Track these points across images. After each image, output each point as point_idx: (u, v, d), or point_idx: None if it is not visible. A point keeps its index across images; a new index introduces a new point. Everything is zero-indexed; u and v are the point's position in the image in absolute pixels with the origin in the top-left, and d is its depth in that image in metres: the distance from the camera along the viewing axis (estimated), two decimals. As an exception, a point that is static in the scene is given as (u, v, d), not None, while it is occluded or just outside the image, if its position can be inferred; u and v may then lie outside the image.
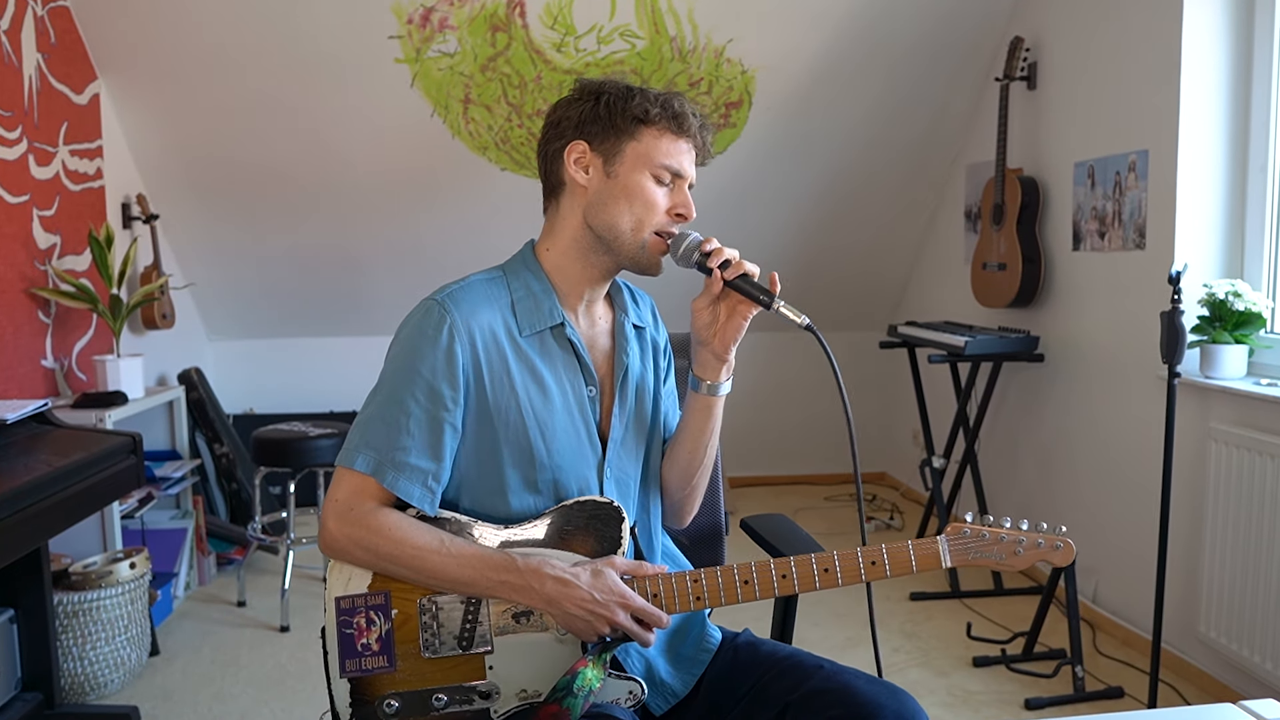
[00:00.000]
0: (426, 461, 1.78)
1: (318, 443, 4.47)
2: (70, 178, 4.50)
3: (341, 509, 1.77)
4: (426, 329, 1.80)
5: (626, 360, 1.95)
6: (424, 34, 4.73)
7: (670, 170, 1.86)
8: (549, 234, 1.94)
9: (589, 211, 1.87)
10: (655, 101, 1.86)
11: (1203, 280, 3.79)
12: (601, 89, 1.88)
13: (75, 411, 4.03)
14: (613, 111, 1.85)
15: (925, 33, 5.03)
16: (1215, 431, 3.62)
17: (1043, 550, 1.79)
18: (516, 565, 1.73)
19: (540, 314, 1.87)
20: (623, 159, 1.85)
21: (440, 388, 1.78)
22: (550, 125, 1.91)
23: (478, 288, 1.88)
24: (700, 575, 1.78)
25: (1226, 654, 3.58)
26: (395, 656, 1.74)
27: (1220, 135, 3.82)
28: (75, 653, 3.66)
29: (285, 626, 4.37)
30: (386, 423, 1.78)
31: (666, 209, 1.87)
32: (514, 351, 1.83)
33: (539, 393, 1.84)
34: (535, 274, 1.91)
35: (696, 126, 1.89)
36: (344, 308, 6.14)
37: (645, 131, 1.85)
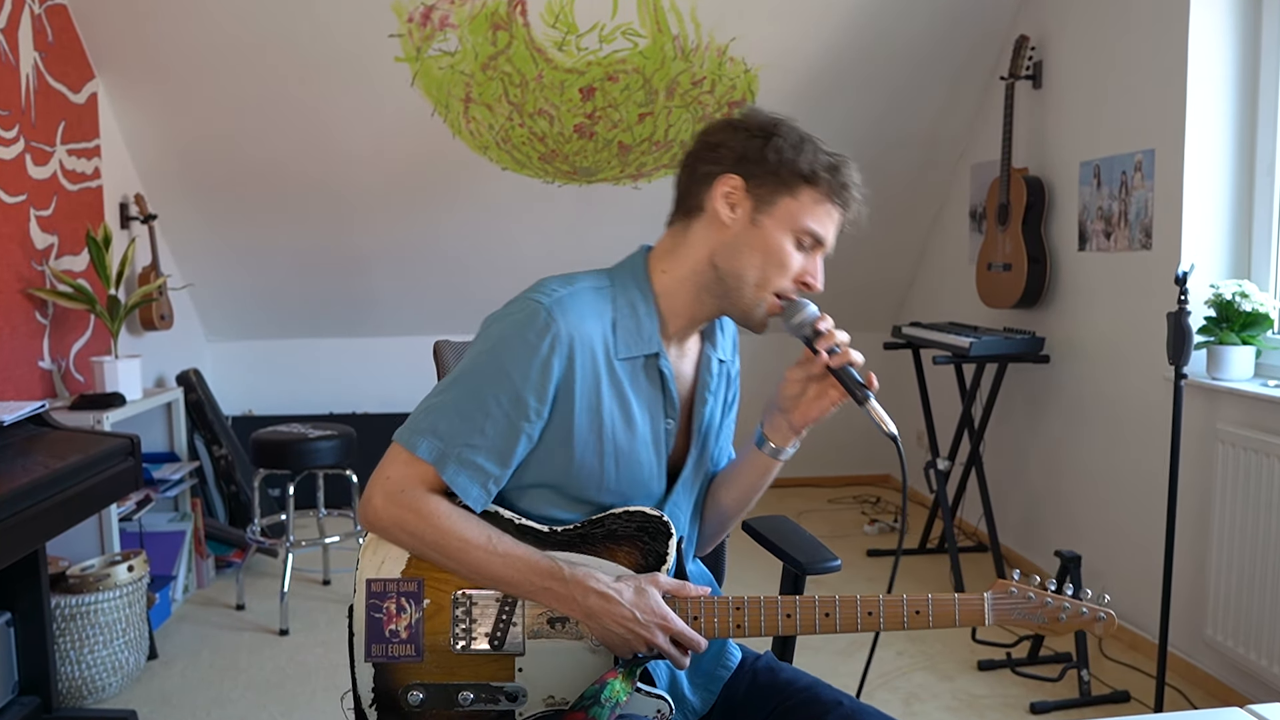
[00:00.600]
0: (493, 466, 1.74)
1: (317, 445, 4.47)
2: (68, 177, 4.51)
3: (392, 488, 1.74)
4: (528, 333, 1.72)
5: (709, 398, 1.92)
6: (424, 32, 4.74)
7: (814, 236, 1.79)
8: (668, 254, 1.85)
9: (720, 251, 1.79)
10: (826, 165, 1.78)
11: (1209, 281, 3.80)
12: (775, 129, 1.78)
13: (73, 413, 4.03)
14: (780, 160, 1.76)
15: (930, 31, 5.03)
16: (1222, 433, 3.62)
17: (1085, 619, 1.78)
18: (562, 574, 1.71)
19: (640, 340, 1.80)
20: (773, 211, 1.77)
21: (527, 397, 1.72)
22: (707, 145, 1.82)
23: (585, 297, 1.79)
24: (744, 603, 1.75)
25: (1233, 658, 3.58)
26: (424, 647, 1.73)
27: (1227, 134, 3.82)
28: (73, 656, 3.66)
29: (285, 630, 4.37)
30: (462, 415, 1.73)
31: (795, 274, 1.80)
32: (608, 374, 1.78)
33: (623, 421, 1.79)
34: (644, 294, 1.83)
35: (857, 201, 1.83)
36: (344, 308, 6.14)
37: (805, 191, 1.77)
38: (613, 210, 5.68)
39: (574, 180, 5.53)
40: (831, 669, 3.93)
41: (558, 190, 5.57)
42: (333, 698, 3.78)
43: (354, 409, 6.33)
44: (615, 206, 5.66)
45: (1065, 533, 4.66)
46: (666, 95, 5.13)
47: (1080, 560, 3.66)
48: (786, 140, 1.77)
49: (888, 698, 3.74)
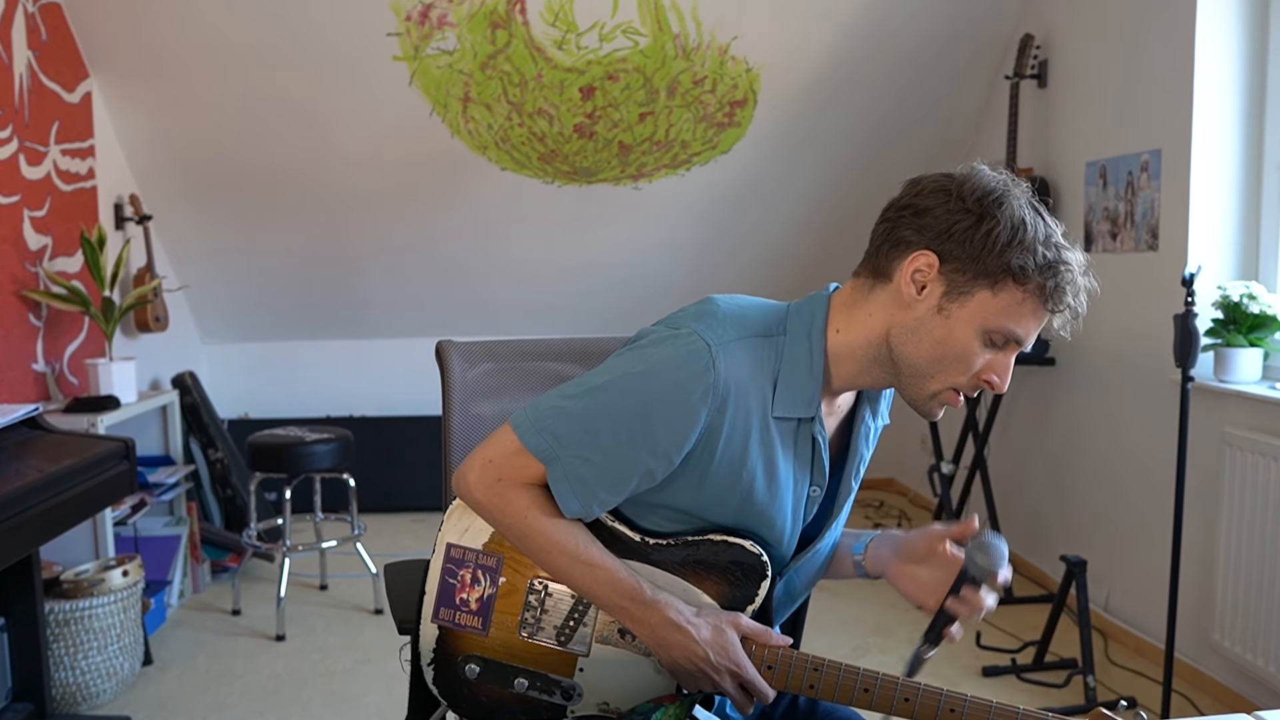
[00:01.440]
0: (604, 489, 1.66)
1: (314, 448, 4.47)
2: (62, 178, 4.51)
3: (490, 473, 1.68)
4: (684, 375, 1.60)
5: (860, 466, 1.82)
6: (423, 31, 4.74)
7: (1011, 338, 1.60)
8: (847, 315, 1.69)
9: (897, 331, 1.63)
10: (1042, 265, 1.56)
11: (1217, 282, 3.79)
12: (994, 210, 1.56)
13: (66, 416, 4.02)
14: (989, 246, 1.55)
15: (934, 30, 5.03)
16: (1230, 436, 3.62)
17: None
18: (644, 597, 1.65)
19: (800, 402, 1.67)
20: (967, 304, 1.58)
21: (660, 438, 1.61)
22: (914, 210, 1.63)
23: (752, 348, 1.65)
24: (822, 665, 1.68)
25: (1241, 663, 3.58)
26: (491, 623, 1.73)
27: (1235, 134, 3.82)
28: (67, 662, 3.66)
29: (281, 635, 4.37)
30: (588, 430, 1.64)
31: (978, 370, 1.62)
32: (760, 429, 1.66)
33: (765, 477, 1.68)
34: (814, 352, 1.68)
35: (1070, 311, 1.61)
36: (341, 310, 6.14)
37: (1010, 288, 1.57)
38: (613, 211, 5.68)
39: (574, 180, 5.53)
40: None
41: (557, 191, 5.57)
42: (331, 704, 3.78)
43: (351, 412, 6.33)
44: (615, 207, 5.67)
45: (1070, 537, 4.66)
46: (667, 95, 5.13)
47: (1086, 565, 3.66)
48: (1003, 225, 1.56)
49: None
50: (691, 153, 5.44)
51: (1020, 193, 1.61)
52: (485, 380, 2.35)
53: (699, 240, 5.89)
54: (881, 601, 4.69)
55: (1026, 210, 1.58)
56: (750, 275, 6.04)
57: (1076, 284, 1.59)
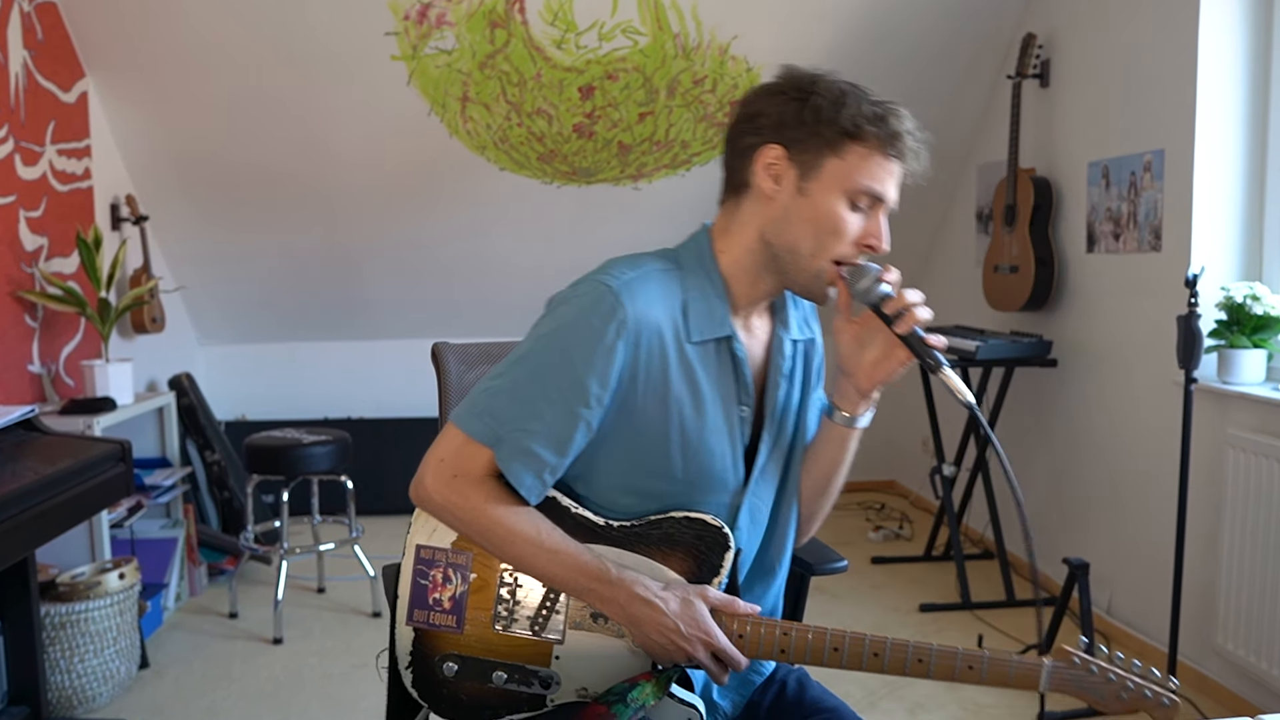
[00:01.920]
0: (550, 454, 1.70)
1: (312, 450, 4.47)
2: (58, 178, 4.51)
3: (444, 471, 1.73)
4: (593, 318, 1.69)
5: (781, 382, 1.87)
6: (421, 30, 4.74)
7: (871, 194, 1.70)
8: (725, 234, 1.80)
9: (770, 227, 1.74)
10: (871, 116, 1.69)
11: (1220, 283, 3.80)
12: (813, 88, 1.70)
13: (63, 418, 4.03)
14: (819, 118, 1.68)
15: (935, 29, 5.04)
16: (1233, 438, 3.62)
17: (1148, 703, 1.69)
18: (609, 576, 1.70)
19: (713, 322, 1.76)
20: (820, 176, 1.69)
21: (589, 383, 1.68)
22: (745, 117, 1.75)
23: (654, 279, 1.75)
24: (791, 630, 1.73)
25: (1244, 667, 3.58)
26: (465, 620, 1.75)
27: (1239, 134, 3.82)
28: (63, 665, 3.66)
29: (279, 639, 4.37)
30: (520, 399, 1.70)
31: (856, 237, 1.71)
32: (678, 358, 1.74)
33: (693, 407, 1.75)
34: (712, 277, 1.78)
35: (913, 150, 1.73)
36: (339, 311, 6.15)
37: (852, 148, 1.69)
38: (612, 211, 5.68)
39: (573, 181, 5.53)
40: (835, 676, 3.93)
41: (557, 191, 5.57)
42: (328, 707, 3.78)
43: (349, 414, 6.33)
44: (615, 207, 5.67)
45: (1073, 539, 4.66)
46: (667, 94, 5.13)
47: (1088, 568, 3.66)
48: (825, 97, 1.69)
49: (893, 707, 3.74)
50: (692, 153, 5.45)
51: (826, 71, 1.75)
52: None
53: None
54: (883, 604, 4.69)
55: (843, 82, 1.73)
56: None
57: (910, 128, 1.72)
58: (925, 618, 4.56)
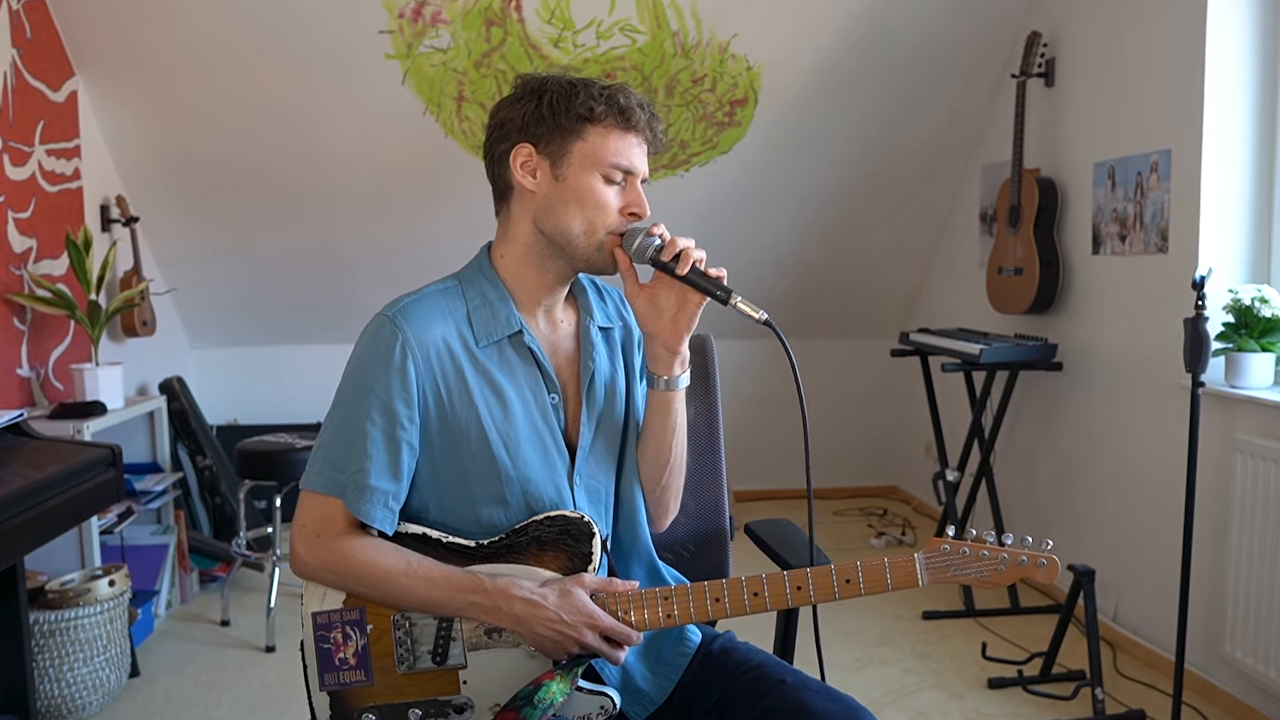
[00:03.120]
0: (387, 482, 1.83)
1: (304, 455, 4.47)
2: (47, 179, 4.51)
3: (309, 534, 1.84)
4: (379, 346, 1.84)
5: (593, 365, 1.98)
6: (416, 29, 4.75)
7: (620, 168, 1.86)
8: (502, 239, 1.96)
9: (539, 217, 1.88)
10: (600, 98, 1.85)
11: (1228, 285, 3.80)
12: (544, 87, 1.87)
13: (52, 422, 4.03)
14: (556, 111, 1.85)
15: (939, 27, 5.04)
16: (1241, 443, 3.63)
17: (1025, 567, 1.81)
18: (484, 586, 1.79)
19: (497, 323, 1.90)
20: (570, 161, 1.85)
21: (395, 406, 1.82)
22: (494, 127, 1.92)
23: (431, 300, 1.91)
24: (671, 593, 1.84)
25: (1253, 675, 3.58)
26: (372, 670, 1.82)
27: (1246, 133, 3.83)
28: (52, 674, 3.66)
29: (271, 646, 4.37)
30: (345, 443, 1.84)
31: (619, 208, 1.87)
32: (470, 364, 1.87)
33: (498, 404, 1.88)
34: (491, 281, 1.93)
35: (645, 120, 1.89)
36: (332, 314, 6.14)
37: (591, 130, 1.85)
38: (610, 212, 5.67)
39: (570, 181, 5.52)
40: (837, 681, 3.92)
41: (554, 192, 5.56)
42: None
43: (343, 418, 6.32)
44: (613, 208, 5.65)
45: (1078, 546, 4.66)
46: (666, 94, 5.14)
47: (1094, 574, 3.67)
48: (556, 92, 1.85)
49: (895, 716, 3.75)
50: (691, 153, 5.45)
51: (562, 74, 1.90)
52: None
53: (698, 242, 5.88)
54: (885, 611, 4.69)
55: (572, 78, 1.88)
56: (750, 278, 6.04)
57: (638, 102, 1.87)
58: (928, 625, 4.56)
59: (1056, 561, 1.80)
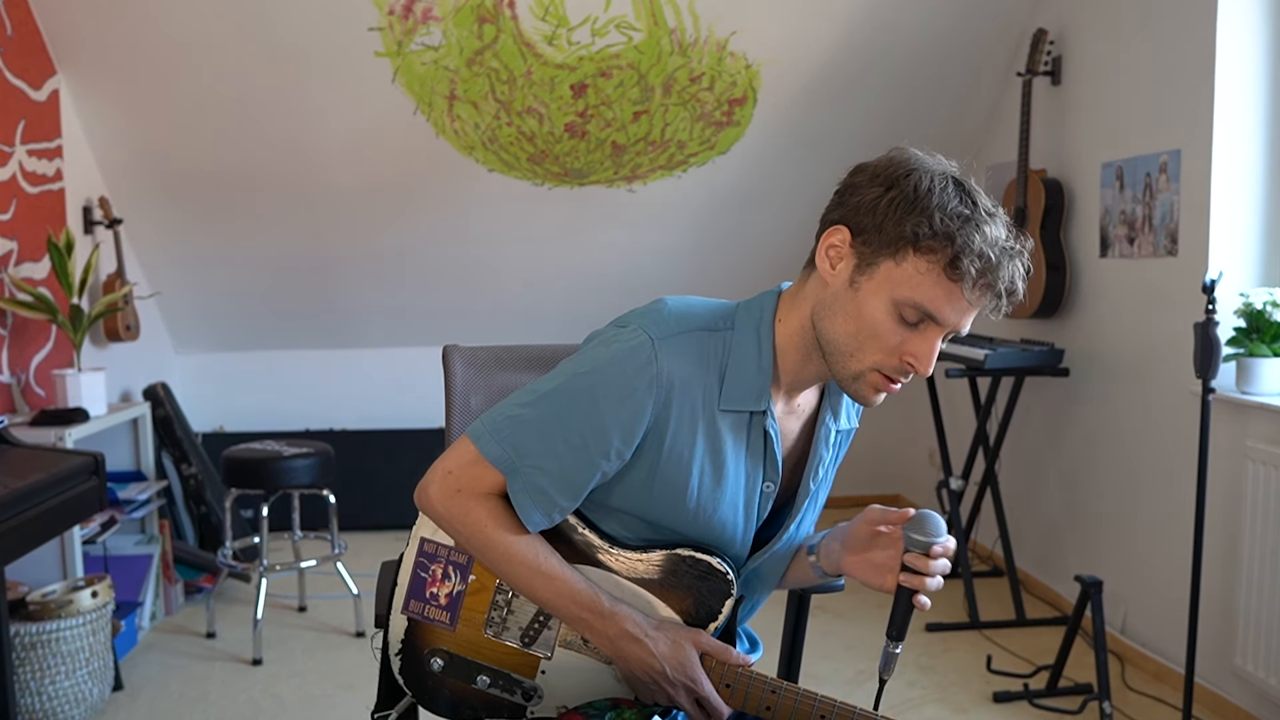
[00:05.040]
0: (562, 497, 1.74)
1: (292, 463, 4.47)
2: (28, 179, 4.51)
3: (450, 484, 1.77)
4: (627, 369, 1.69)
5: (821, 472, 1.88)
6: (406, 26, 4.75)
7: (918, 310, 1.62)
8: (789, 304, 1.78)
9: (819, 310, 1.71)
10: (939, 228, 1.58)
11: (1239, 289, 3.81)
12: (902, 179, 1.63)
13: (33, 429, 4.02)
14: (888, 216, 1.61)
15: (943, 25, 5.05)
16: (1252, 450, 3.63)
17: None
18: (601, 608, 1.74)
19: (748, 395, 1.74)
20: (874, 274, 1.64)
21: (612, 436, 1.70)
22: (841, 189, 1.73)
23: (698, 342, 1.74)
24: (780, 689, 1.76)
25: (1264, 689, 3.58)
26: (458, 619, 1.82)
27: (1258, 133, 3.83)
28: (33, 687, 3.65)
29: (258, 659, 4.36)
30: (541, 435, 1.72)
31: (897, 348, 1.65)
32: (705, 421, 1.74)
33: (713, 475, 1.76)
34: (762, 346, 1.76)
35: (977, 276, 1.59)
36: (321, 318, 6.14)
37: (910, 258, 1.61)
38: (606, 214, 5.69)
39: (565, 182, 5.54)
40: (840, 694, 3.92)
41: (548, 193, 5.58)
42: (309, 732, 3.79)
43: (331, 425, 6.33)
44: (608, 210, 5.67)
45: (1086, 556, 4.67)
46: (663, 92, 5.14)
47: (1102, 585, 3.67)
48: (905, 192, 1.61)
49: (899, 733, 3.75)
50: (688, 153, 5.45)
51: (937, 166, 1.65)
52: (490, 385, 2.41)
53: (696, 245, 5.90)
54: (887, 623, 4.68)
55: (936, 180, 1.62)
56: (749, 280, 6.04)
57: (985, 255, 1.58)
58: (932, 638, 4.56)
59: None
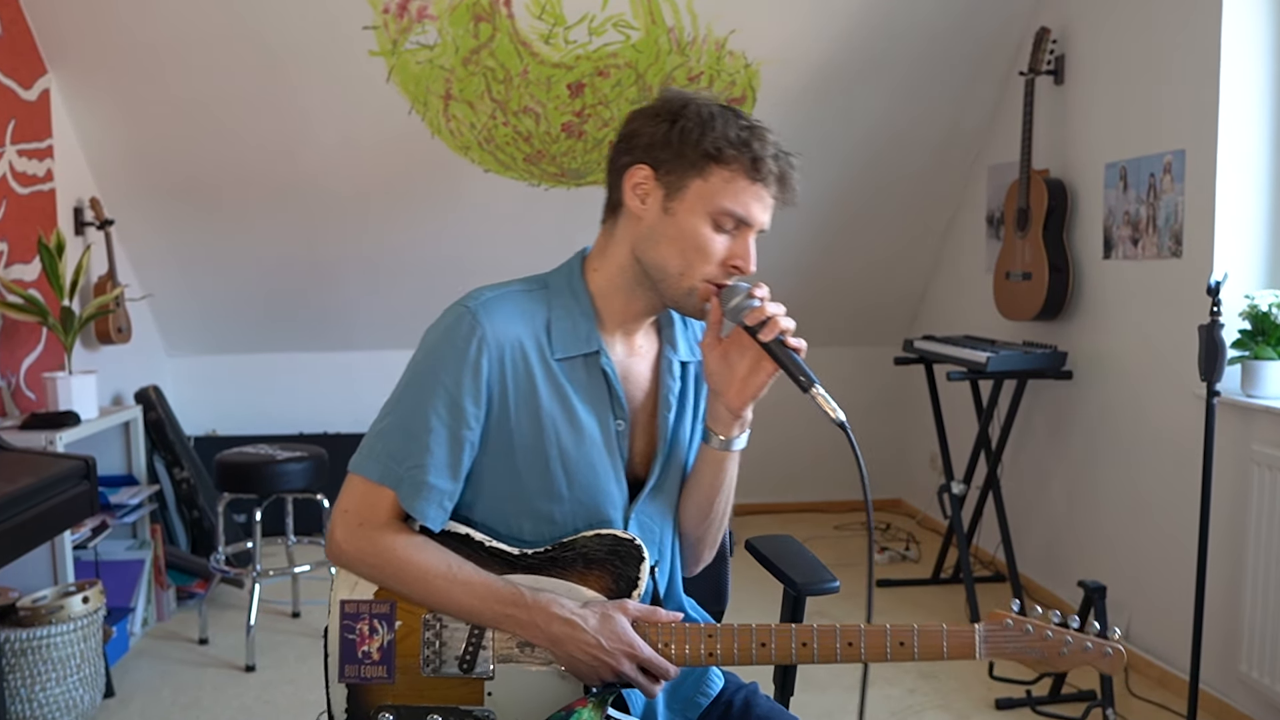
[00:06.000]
0: (445, 481, 1.82)
1: (286, 467, 4.46)
2: (18, 180, 4.51)
3: (351, 521, 1.83)
4: (455, 338, 1.82)
5: (672, 400, 1.95)
6: (401, 24, 4.75)
7: (735, 217, 1.81)
8: (600, 253, 1.93)
9: (639, 244, 1.85)
10: (733, 139, 1.78)
11: (1244, 291, 3.81)
12: (682, 111, 1.81)
13: (23, 433, 4.01)
14: (685, 141, 1.79)
15: (944, 23, 5.05)
16: (1258, 454, 3.63)
17: (1090, 655, 1.80)
18: (524, 600, 1.77)
19: (577, 339, 1.87)
20: (684, 197, 1.80)
21: (464, 403, 1.80)
22: (623, 136, 1.87)
23: (515, 299, 1.89)
24: (716, 631, 1.82)
25: (1270, 695, 3.58)
26: (395, 669, 1.82)
27: (1263, 133, 3.84)
28: (24, 694, 3.65)
29: (251, 666, 4.35)
30: (407, 433, 1.82)
31: (722, 259, 1.83)
32: (544, 374, 1.84)
33: (566, 422, 1.85)
34: (578, 295, 1.90)
35: (777, 173, 1.82)
36: (314, 321, 6.14)
37: (716, 171, 1.79)
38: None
39: (562, 183, 5.54)
40: (840, 705, 3.93)
41: (544, 194, 5.58)
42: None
43: (325, 429, 6.32)
44: (606, 211, 5.65)
45: (1089, 561, 4.67)
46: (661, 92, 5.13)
47: (1105, 591, 3.66)
48: (693, 119, 1.80)
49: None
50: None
51: (706, 95, 1.86)
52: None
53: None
54: (889, 630, 4.68)
55: (714, 106, 1.82)
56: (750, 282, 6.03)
57: (774, 153, 1.81)
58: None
59: (1123, 652, 1.79)
